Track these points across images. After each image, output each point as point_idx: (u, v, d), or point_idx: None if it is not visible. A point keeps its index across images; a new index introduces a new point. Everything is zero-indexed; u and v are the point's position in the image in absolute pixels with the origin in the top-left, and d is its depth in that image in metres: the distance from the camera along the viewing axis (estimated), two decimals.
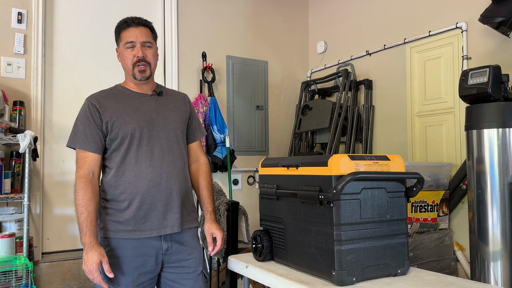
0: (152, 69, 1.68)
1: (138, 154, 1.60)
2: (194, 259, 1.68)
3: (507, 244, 2.00)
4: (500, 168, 2.03)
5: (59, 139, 2.93)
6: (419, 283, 1.39)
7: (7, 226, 2.54)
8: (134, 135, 1.60)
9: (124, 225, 1.58)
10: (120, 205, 1.59)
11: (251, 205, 3.46)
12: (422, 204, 2.55)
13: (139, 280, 1.58)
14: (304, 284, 1.39)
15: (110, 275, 1.49)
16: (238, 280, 2.09)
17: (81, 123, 1.60)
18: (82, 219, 1.50)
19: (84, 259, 1.49)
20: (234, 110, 3.60)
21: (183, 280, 1.66)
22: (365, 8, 3.49)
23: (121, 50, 1.68)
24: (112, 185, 1.60)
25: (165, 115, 1.68)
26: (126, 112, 1.62)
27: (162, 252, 1.62)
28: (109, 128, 1.59)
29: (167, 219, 1.61)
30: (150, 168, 1.60)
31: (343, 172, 1.37)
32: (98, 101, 1.62)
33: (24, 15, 2.80)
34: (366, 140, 3.31)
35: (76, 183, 1.54)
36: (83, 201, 1.52)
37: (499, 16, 2.29)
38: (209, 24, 3.54)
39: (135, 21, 1.66)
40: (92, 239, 1.50)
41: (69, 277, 2.74)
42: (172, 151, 1.66)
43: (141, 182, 1.58)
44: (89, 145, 1.57)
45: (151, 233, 1.59)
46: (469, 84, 2.10)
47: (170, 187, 1.62)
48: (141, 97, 1.69)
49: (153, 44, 1.69)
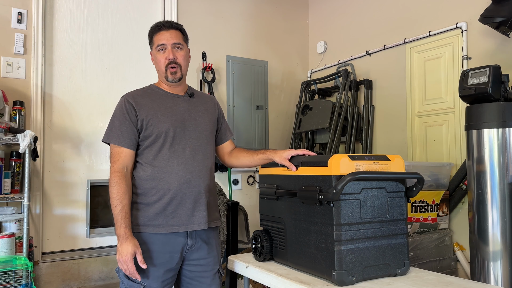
0: (183, 70, 1.74)
1: (170, 151, 1.66)
2: (213, 258, 1.73)
3: (507, 244, 2.00)
4: (500, 168, 2.03)
5: (59, 139, 2.93)
6: (419, 283, 1.39)
7: (7, 226, 2.53)
8: (168, 134, 1.66)
9: (153, 220, 1.63)
10: (150, 200, 1.64)
11: (251, 205, 3.46)
12: (422, 204, 2.55)
13: (165, 276, 1.63)
14: (304, 284, 1.39)
15: (143, 266, 1.54)
16: (238, 280, 2.10)
17: (117, 120, 1.66)
18: (117, 212, 1.56)
19: (119, 250, 1.54)
20: (234, 110, 3.60)
21: (201, 278, 1.71)
22: (365, 8, 3.49)
23: (154, 53, 1.74)
24: (144, 180, 1.65)
25: (196, 116, 1.75)
26: (161, 111, 1.68)
27: (186, 248, 1.67)
28: (144, 125, 1.65)
29: (195, 216, 1.66)
30: (182, 165, 1.66)
31: (343, 172, 1.37)
32: (134, 99, 1.68)
33: (24, 15, 2.80)
34: (366, 140, 3.31)
35: (111, 177, 1.61)
36: (118, 194, 1.58)
37: (499, 16, 2.29)
38: (209, 24, 3.54)
39: (166, 25, 1.72)
40: (127, 231, 1.55)
41: (69, 277, 2.74)
42: (202, 151, 1.72)
43: (172, 178, 1.64)
44: (124, 141, 1.64)
45: (178, 228, 1.63)
46: (469, 84, 2.10)
47: (199, 185, 1.68)
48: (174, 98, 1.75)
49: (184, 46, 1.75)
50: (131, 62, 3.23)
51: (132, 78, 3.21)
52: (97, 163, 3.04)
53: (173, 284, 1.72)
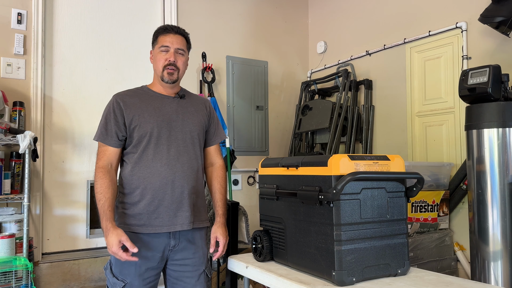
0: (180, 74, 1.78)
1: (155, 152, 1.69)
2: (198, 258, 1.75)
3: (507, 244, 2.00)
4: (500, 168, 2.03)
5: (59, 139, 2.93)
6: (419, 283, 1.39)
7: (7, 226, 2.54)
8: (152, 134, 1.69)
9: (136, 219, 1.66)
10: (134, 199, 1.68)
11: (251, 205, 3.46)
12: (422, 204, 2.55)
13: (146, 274, 1.66)
14: (304, 284, 1.39)
15: (134, 250, 1.55)
16: (238, 281, 2.09)
17: (104, 118, 1.71)
18: (100, 205, 1.60)
19: (106, 243, 1.57)
20: (234, 110, 3.60)
21: (186, 278, 1.73)
22: (365, 8, 3.49)
23: (155, 52, 1.78)
24: (128, 180, 1.69)
25: (184, 117, 1.77)
26: (148, 111, 1.71)
27: (169, 248, 1.69)
28: (130, 125, 1.69)
29: (178, 217, 1.69)
30: (165, 166, 1.68)
31: (343, 172, 1.37)
32: (122, 99, 1.72)
33: (24, 16, 2.80)
34: (366, 140, 3.31)
35: (96, 173, 1.65)
36: (101, 189, 1.62)
37: (499, 16, 2.29)
38: (209, 24, 3.54)
39: (174, 29, 1.78)
40: (108, 223, 1.58)
41: (69, 277, 2.74)
42: (187, 152, 1.74)
43: (155, 178, 1.66)
44: (109, 139, 1.68)
45: (161, 228, 1.67)
46: (469, 84, 2.10)
47: (182, 186, 1.70)
48: (164, 99, 1.78)
49: (186, 53, 1.80)
50: (131, 63, 3.23)
51: (132, 79, 3.21)
52: None
53: (157, 282, 1.73)
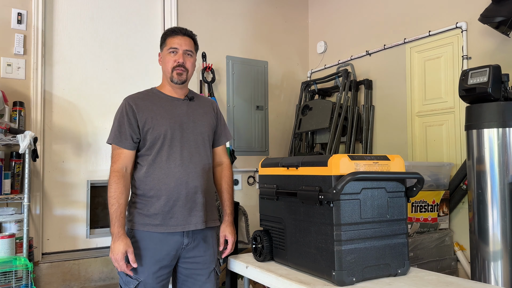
0: (188, 75, 1.81)
1: (169, 153, 1.71)
2: (209, 256, 1.78)
3: (508, 244, 2.00)
4: (500, 168, 2.03)
5: (59, 139, 2.92)
6: (419, 283, 1.39)
7: (7, 226, 2.53)
8: (166, 136, 1.72)
9: (151, 219, 1.68)
10: (149, 200, 1.70)
11: (251, 205, 3.46)
12: (422, 204, 2.55)
13: (159, 272, 1.68)
14: (304, 284, 1.39)
15: (134, 265, 1.60)
16: (238, 281, 2.10)
17: (117, 122, 1.73)
18: (113, 210, 1.62)
19: (112, 248, 1.60)
20: (234, 110, 3.60)
21: (197, 275, 1.76)
22: (365, 8, 3.48)
23: (164, 54, 1.81)
24: (142, 181, 1.71)
25: (194, 119, 1.81)
26: (160, 114, 1.74)
27: (182, 246, 1.71)
28: (143, 127, 1.71)
29: (192, 216, 1.71)
30: (179, 167, 1.71)
31: (343, 172, 1.37)
32: (135, 102, 1.74)
33: (24, 16, 2.80)
34: (366, 140, 3.31)
35: (110, 176, 1.67)
36: (115, 194, 1.63)
37: (499, 16, 2.29)
38: (209, 24, 3.54)
39: (182, 31, 1.81)
40: (120, 230, 1.61)
41: (69, 277, 2.74)
42: (199, 153, 1.78)
43: (170, 179, 1.69)
44: (124, 142, 1.70)
45: (176, 228, 1.69)
46: (469, 84, 2.10)
47: (195, 186, 1.73)
48: (174, 101, 1.81)
49: (194, 55, 1.84)
50: (131, 63, 3.23)
51: (132, 78, 3.21)
52: (97, 164, 3.04)
53: (169, 280, 1.76)
